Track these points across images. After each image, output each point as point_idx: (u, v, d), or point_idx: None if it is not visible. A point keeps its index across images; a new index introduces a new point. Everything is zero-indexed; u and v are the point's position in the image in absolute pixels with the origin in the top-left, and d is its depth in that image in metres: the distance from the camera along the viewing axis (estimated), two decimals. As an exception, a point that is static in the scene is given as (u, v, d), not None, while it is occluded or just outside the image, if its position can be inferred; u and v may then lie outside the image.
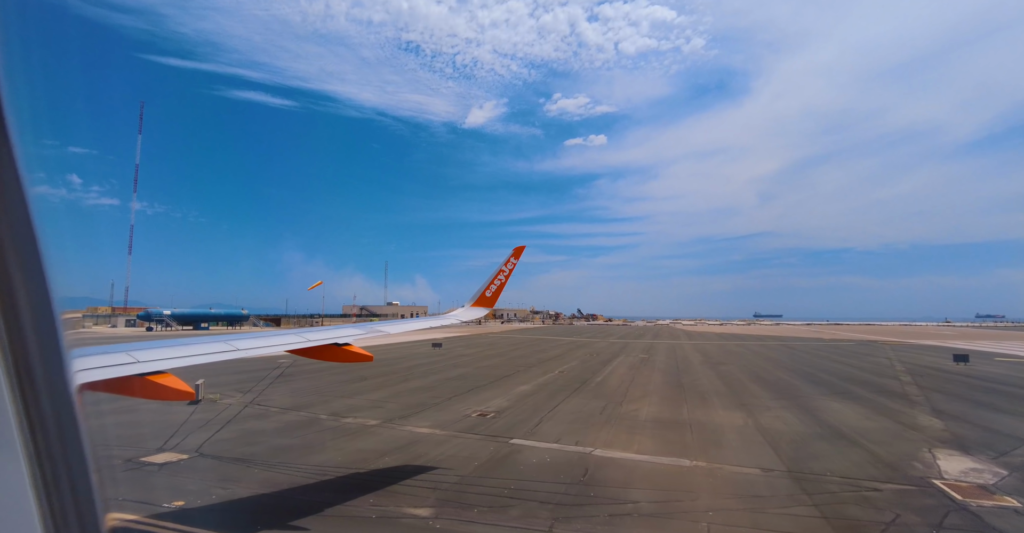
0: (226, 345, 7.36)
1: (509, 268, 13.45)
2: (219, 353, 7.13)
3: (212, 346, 7.23)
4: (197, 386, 21.86)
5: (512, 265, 13.50)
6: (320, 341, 8.53)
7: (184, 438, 15.97)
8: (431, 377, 31.55)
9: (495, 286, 13.26)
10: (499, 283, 13.29)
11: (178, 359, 6.35)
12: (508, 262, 13.49)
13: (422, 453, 14.80)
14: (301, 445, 15.54)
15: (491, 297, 13.22)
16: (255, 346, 7.72)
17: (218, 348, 7.24)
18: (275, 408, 21.14)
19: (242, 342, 7.61)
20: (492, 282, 13.28)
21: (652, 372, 35.46)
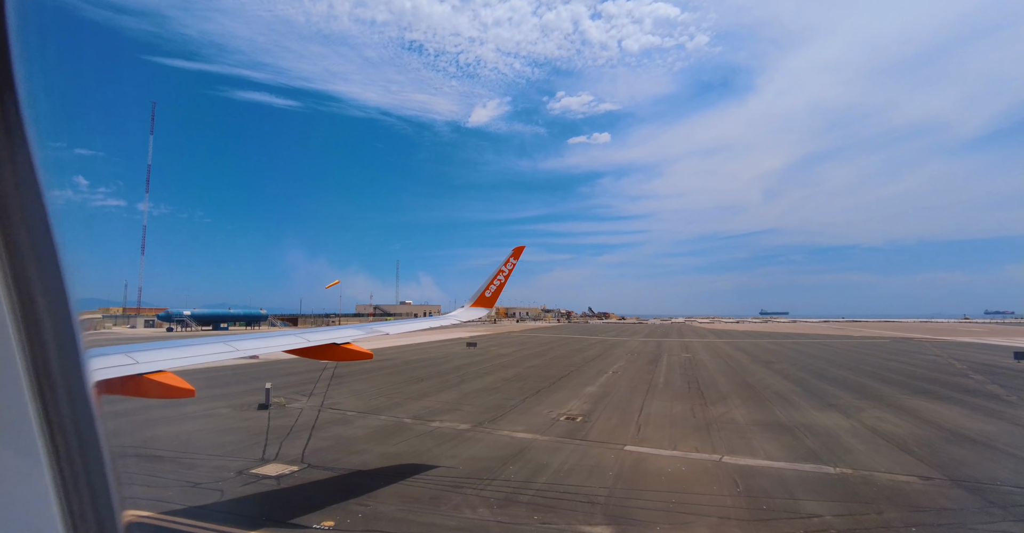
0: (226, 346, 7.31)
1: (509, 268, 13.31)
2: (219, 354, 7.07)
3: (212, 347, 7.17)
4: (267, 390, 20.89)
5: (512, 265, 13.37)
6: (320, 341, 8.57)
7: (279, 447, 14.99)
8: (487, 378, 30.53)
9: (495, 286, 13.14)
10: (499, 283, 13.15)
11: (177, 360, 6.31)
12: (508, 262, 13.34)
13: (544, 462, 13.78)
14: (409, 452, 14.54)
15: (491, 297, 13.10)
16: (255, 347, 7.69)
17: (218, 349, 7.17)
18: (351, 412, 20.16)
19: (242, 343, 7.57)
20: (491, 282, 13.15)
21: (709, 372, 34.39)
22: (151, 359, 5.92)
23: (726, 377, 31.55)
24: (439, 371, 33.60)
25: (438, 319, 13.14)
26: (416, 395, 24.28)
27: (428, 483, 12.00)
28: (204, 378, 29.20)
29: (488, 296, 13.12)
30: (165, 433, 16.31)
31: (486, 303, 13.15)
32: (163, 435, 16.06)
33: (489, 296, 13.13)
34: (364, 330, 9.84)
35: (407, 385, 27.41)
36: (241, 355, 7.47)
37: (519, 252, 13.69)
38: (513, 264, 13.47)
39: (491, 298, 13.16)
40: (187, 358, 6.56)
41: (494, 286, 13.17)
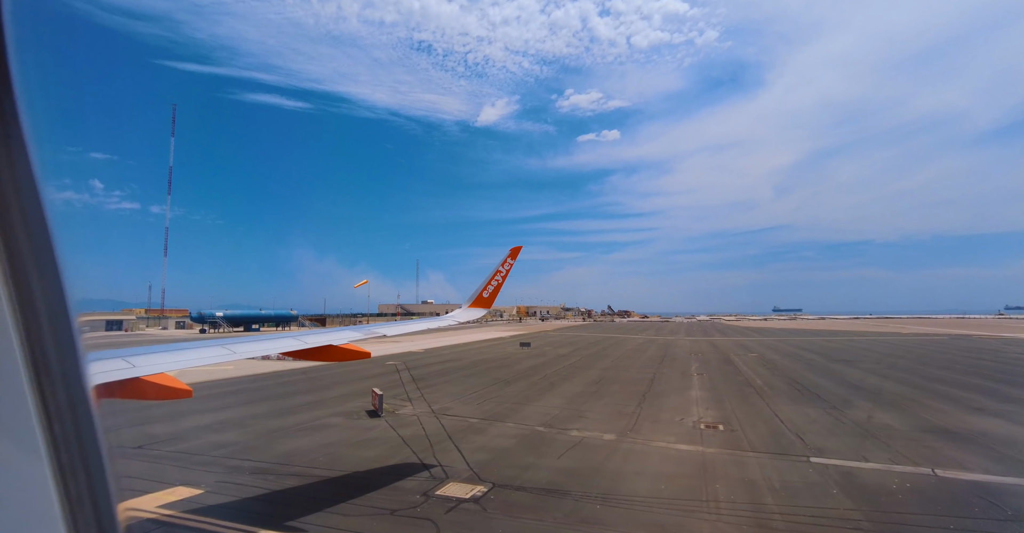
0: (224, 350, 7.24)
1: (506, 268, 13.24)
2: (215, 357, 6.99)
3: (209, 351, 7.09)
4: (380, 396, 19.56)
5: (509, 265, 13.29)
6: (317, 344, 8.58)
7: (436, 462, 13.63)
8: (573, 381, 29.08)
9: (492, 287, 13.07)
10: (496, 283, 13.11)
11: (174, 364, 6.25)
12: (505, 262, 13.24)
13: (749, 479, 12.34)
14: (585, 468, 13.11)
15: (488, 298, 13.03)
16: (252, 350, 7.70)
17: (215, 353, 7.10)
18: (471, 419, 18.79)
19: (240, 346, 7.52)
20: (489, 283, 13.07)
21: (797, 372, 32.75)
22: (148, 363, 5.89)
23: (822, 377, 29.89)
24: (516, 373, 32.18)
25: (436, 320, 13.05)
26: (518, 399, 22.87)
27: (674, 508, 10.56)
28: (274, 385, 28.02)
29: (486, 297, 13.01)
30: (297, 448, 15.00)
31: (484, 303, 13.05)
32: (297, 450, 14.75)
33: (487, 297, 13.02)
34: (362, 332, 9.77)
35: (497, 388, 26.01)
36: (238, 358, 7.29)
37: (516, 252, 13.53)
38: (511, 264, 13.33)
39: (489, 298, 13.04)
40: (184, 361, 6.46)
41: (492, 286, 13.07)
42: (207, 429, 17.00)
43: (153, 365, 5.88)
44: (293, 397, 23.37)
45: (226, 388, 26.11)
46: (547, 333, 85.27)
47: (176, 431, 16.69)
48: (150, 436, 15.98)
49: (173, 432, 16.57)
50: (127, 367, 5.64)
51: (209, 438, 15.78)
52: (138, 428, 17.11)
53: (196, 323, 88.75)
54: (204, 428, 17.14)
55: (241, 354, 7.38)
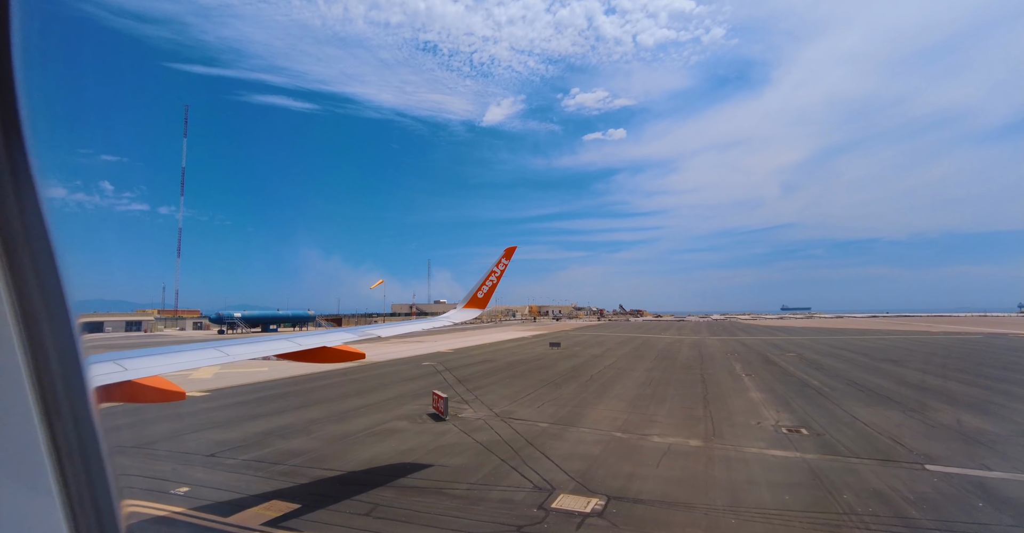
0: (217, 352, 7.18)
1: (501, 269, 13.19)
2: (209, 359, 6.90)
3: (202, 354, 7.00)
4: (445, 399, 18.78)
5: (504, 266, 13.24)
6: (312, 345, 8.55)
7: (531, 470, 12.82)
8: (623, 382, 28.21)
9: (487, 287, 13.02)
10: (491, 284, 13.07)
11: (167, 366, 6.19)
12: (499, 263, 13.18)
13: (866, 487, 11.49)
14: (690, 477, 12.27)
15: (483, 298, 12.98)
16: (247, 352, 7.63)
17: (208, 355, 7.02)
18: (541, 423, 17.99)
19: (234, 348, 7.46)
20: (483, 283, 13.00)
21: (846, 372, 31.70)
22: (140, 366, 5.89)
23: (879, 378, 28.86)
24: (559, 374, 31.34)
25: (431, 321, 13.06)
26: (576, 402, 22.03)
27: (818, 523, 9.71)
28: (318, 388, 27.34)
29: (480, 297, 12.95)
30: (376, 455, 14.26)
31: (479, 304, 12.97)
32: (377, 457, 14.01)
33: (482, 297, 12.96)
34: (356, 333, 9.78)
35: (549, 390, 25.18)
36: (231, 360, 7.16)
37: (511, 252, 13.45)
38: (505, 265, 13.27)
39: (483, 299, 12.98)
40: (176, 364, 6.40)
41: (486, 287, 13.01)
42: (272, 435, 16.28)
43: (145, 368, 5.88)
44: (343, 400, 22.65)
45: (268, 391, 25.43)
46: (568, 333, 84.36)
47: (241, 437, 15.98)
48: (218, 442, 15.28)
49: (238, 438, 15.86)
50: (119, 370, 5.65)
51: (279, 445, 15.05)
52: (201, 433, 16.43)
53: (214, 324, 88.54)
54: (268, 434, 16.43)
55: (234, 356, 7.30)
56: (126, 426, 17.64)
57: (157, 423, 18.02)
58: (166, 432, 16.65)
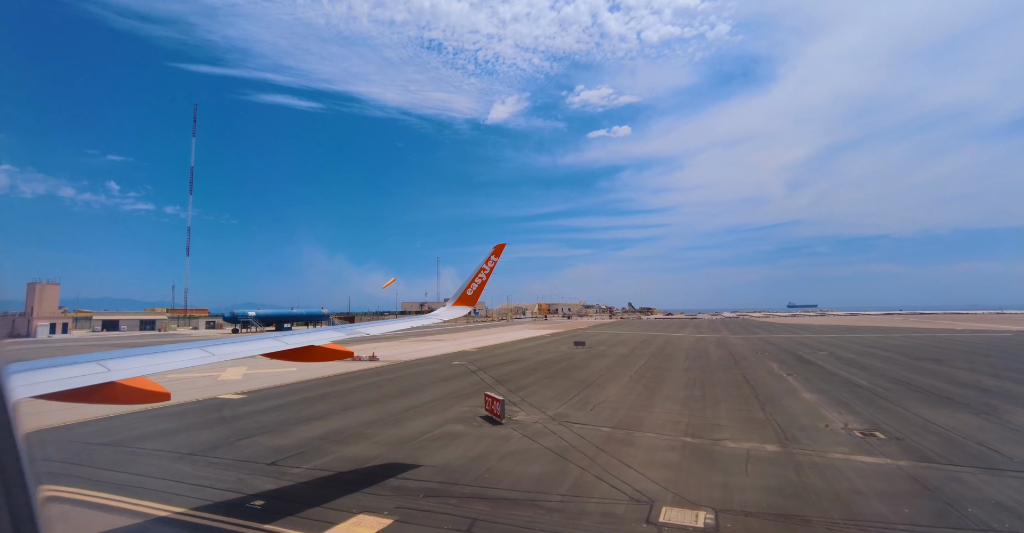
0: (202, 352, 7.06)
1: (490, 266, 13.18)
2: (194, 360, 6.80)
3: (187, 354, 6.91)
4: (502, 402, 18.05)
5: (493, 263, 13.23)
6: (299, 344, 8.49)
7: (620, 480, 12.06)
8: (667, 383, 27.43)
9: (476, 285, 13.02)
10: (480, 281, 13.07)
11: (151, 367, 6.07)
12: (488, 260, 13.19)
13: (987, 498, 10.69)
14: (795, 487, 11.48)
15: (472, 296, 13.02)
16: (233, 351, 7.50)
17: (193, 355, 6.92)
18: (604, 427, 17.25)
19: (219, 348, 7.35)
20: (472, 281, 13.00)
21: (898, 371, 30.81)
22: (124, 367, 5.82)
23: (929, 378, 27.99)
24: (596, 374, 30.56)
25: (421, 318, 12.83)
26: (629, 404, 21.26)
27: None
28: (357, 388, 26.65)
29: (470, 295, 12.99)
30: (447, 462, 13.53)
31: (468, 301, 13.04)
32: (449, 465, 13.27)
33: (471, 295, 13.00)
34: (344, 332, 9.74)
35: (593, 391, 24.41)
36: (217, 361, 7.01)
37: (500, 250, 13.42)
38: (494, 262, 13.26)
39: (473, 296, 13.03)
40: (161, 365, 6.31)
41: (475, 285, 13.01)
42: (328, 440, 15.59)
43: (129, 369, 5.80)
44: (387, 402, 21.94)
45: (305, 392, 24.76)
46: (585, 331, 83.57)
47: (296, 443, 15.30)
48: (274, 449, 14.60)
49: (294, 444, 15.18)
50: (102, 371, 5.57)
51: (340, 451, 14.35)
52: (253, 439, 15.75)
53: (228, 323, 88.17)
54: (324, 439, 15.74)
55: (220, 356, 7.17)
56: (171, 431, 17.00)
57: (203, 428, 17.37)
58: (216, 438, 15.97)
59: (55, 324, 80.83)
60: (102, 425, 17.84)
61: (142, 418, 18.86)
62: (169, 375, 31.24)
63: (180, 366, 6.60)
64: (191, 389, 25.86)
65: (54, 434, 16.69)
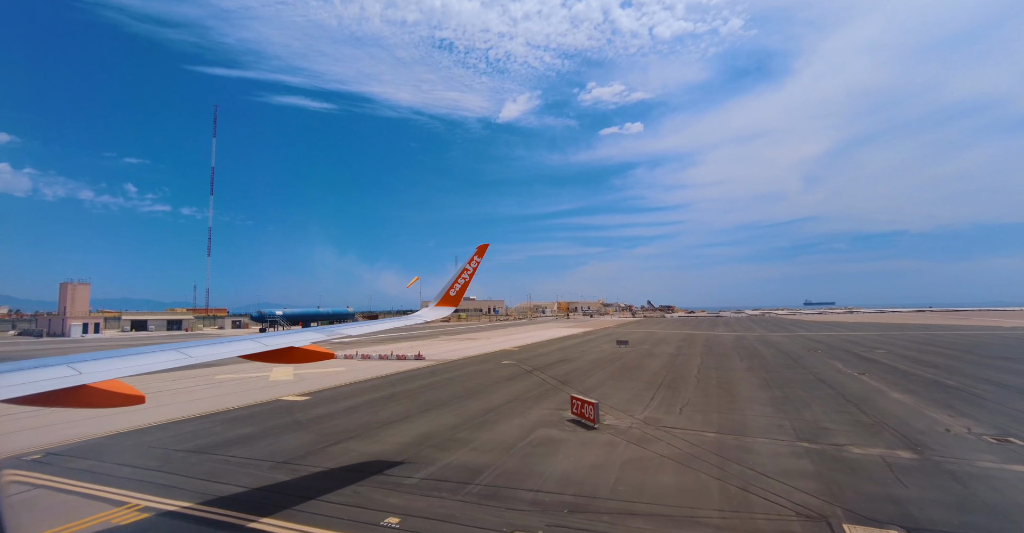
0: (178, 354, 6.93)
1: (473, 267, 13.12)
2: (169, 362, 6.61)
3: (162, 355, 6.75)
4: (597, 405, 16.95)
5: (476, 264, 13.19)
6: (278, 346, 8.37)
7: (764, 491, 10.91)
8: (738, 383, 26.17)
9: (459, 285, 12.95)
10: (463, 282, 12.98)
11: (124, 370, 5.95)
12: (472, 261, 13.18)
13: None
14: (974, 503, 10.24)
15: (455, 296, 12.96)
16: (209, 353, 7.34)
17: (169, 358, 6.74)
18: (707, 432, 16.10)
19: (195, 350, 7.22)
20: (456, 281, 12.95)
21: (981, 371, 29.21)
22: (96, 369, 5.71)
23: (1008, 375, 26.37)
24: (659, 374, 29.36)
25: (403, 319, 12.78)
26: (712, 406, 20.07)
27: None
28: (421, 389, 25.72)
29: (453, 295, 12.92)
30: (567, 472, 12.48)
31: (451, 302, 12.96)
32: (572, 475, 12.21)
33: (454, 295, 12.92)
34: (325, 333, 9.71)
35: (666, 392, 23.23)
36: (193, 362, 6.85)
37: (483, 250, 13.31)
38: (478, 263, 13.20)
39: (456, 297, 12.95)
40: (135, 367, 6.11)
41: (459, 285, 12.94)
42: (424, 445, 14.63)
43: (101, 372, 5.68)
44: (459, 403, 20.96)
45: (369, 393, 23.86)
46: (618, 330, 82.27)
47: (394, 450, 14.35)
48: (375, 457, 13.65)
49: (391, 451, 14.23)
50: (73, 374, 5.47)
51: (445, 459, 13.36)
52: (344, 444, 14.83)
53: (255, 322, 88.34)
54: (418, 444, 14.78)
55: (196, 358, 7.02)
56: (250, 437, 16.15)
57: (283, 433, 16.51)
58: (303, 444, 15.09)
59: (87, 324, 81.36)
60: (174, 430, 17.07)
61: (214, 422, 18.08)
62: (218, 376, 30.63)
63: (155, 369, 6.37)
64: (248, 391, 25.14)
65: (130, 439, 15.94)
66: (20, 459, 13.93)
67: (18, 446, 15.21)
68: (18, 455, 14.33)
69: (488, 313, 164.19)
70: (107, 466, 13.02)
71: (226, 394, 24.29)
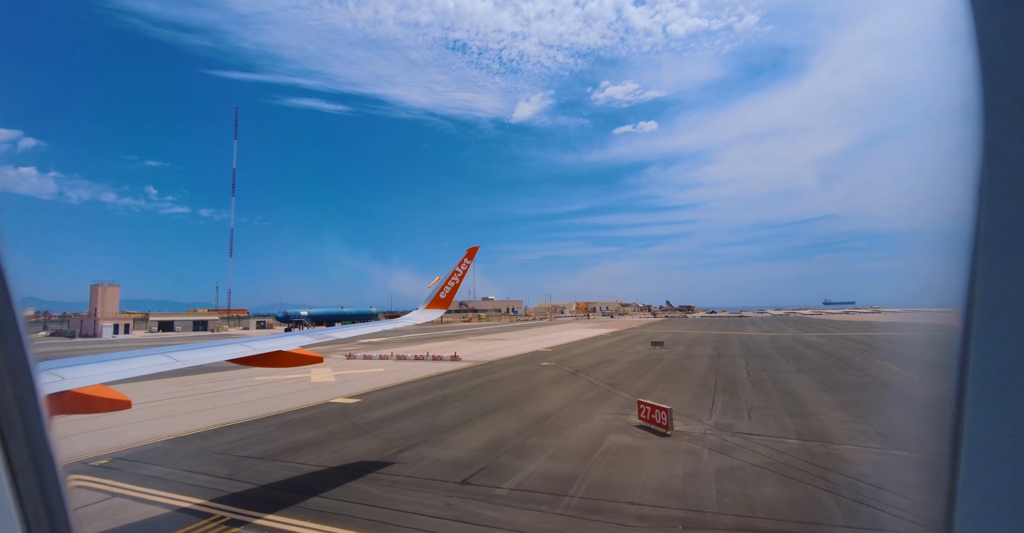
0: (165, 358, 6.84)
1: (463, 269, 13.13)
2: (156, 366, 6.59)
3: (149, 360, 6.67)
4: (669, 411, 16.20)
5: (466, 266, 13.20)
6: (266, 349, 8.25)
7: (872, 505, 10.11)
8: (796, 386, 25.21)
9: (449, 288, 12.96)
10: (453, 284, 13.00)
11: (109, 375, 5.82)
12: (462, 263, 13.18)
13: None
14: None
15: (445, 299, 12.97)
16: (196, 358, 7.21)
17: (156, 362, 6.69)
18: (788, 439, 15.28)
19: (183, 354, 7.08)
20: (446, 284, 12.96)
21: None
22: (79, 374, 5.57)
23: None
24: (708, 377, 28.47)
25: (392, 322, 12.89)
26: (779, 410, 19.19)
27: None
28: (472, 391, 25.15)
29: (443, 297, 12.95)
30: (662, 483, 11.78)
31: (441, 304, 12.99)
32: (671, 489, 11.52)
33: (444, 297, 12.95)
34: (314, 336, 9.69)
35: (725, 396, 22.39)
36: (180, 366, 6.73)
37: (473, 253, 13.36)
38: (467, 265, 13.22)
39: (446, 299, 12.99)
40: (120, 372, 5.98)
41: (448, 288, 12.96)
42: (497, 452, 14.03)
43: (85, 377, 5.58)
44: (517, 407, 20.34)
45: (419, 395, 23.35)
46: (642, 330, 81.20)
47: (468, 457, 13.77)
48: (449, 464, 13.09)
49: (466, 458, 13.64)
50: (56, 380, 5.36)
51: (527, 467, 12.74)
52: (414, 450, 14.30)
53: (280, 322, 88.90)
54: (489, 451, 14.19)
55: (184, 362, 6.90)
56: (314, 442, 15.70)
57: (347, 438, 16.04)
58: (371, 449, 14.59)
59: (118, 325, 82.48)
60: (233, 434, 16.71)
61: (270, 426, 17.71)
62: (256, 378, 30.40)
63: (142, 373, 6.25)
64: (292, 393, 24.83)
65: (192, 444, 15.59)
66: (87, 464, 13.62)
67: (80, 450, 14.94)
68: (84, 460, 14.04)
69: (507, 313, 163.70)
70: (179, 473, 12.62)
71: (271, 396, 23.98)
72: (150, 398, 23.45)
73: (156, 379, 28.77)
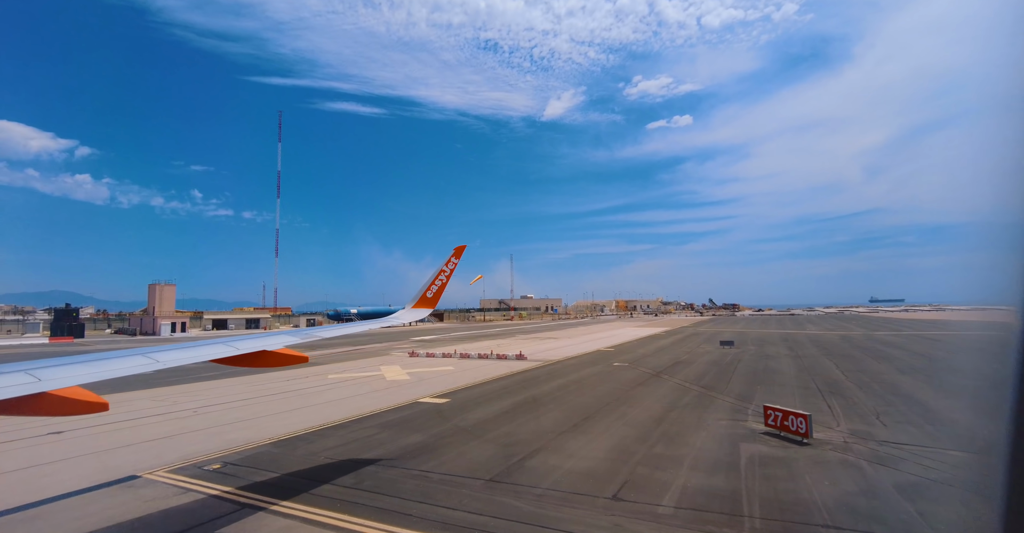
0: (145, 359, 6.69)
1: (450, 268, 12.99)
2: (136, 367, 6.39)
3: (128, 361, 6.48)
4: (808, 418, 14.75)
5: (453, 265, 13.05)
6: (250, 349, 8.02)
7: None
8: (919, 391, 23.19)
9: (436, 287, 12.86)
10: (440, 283, 12.90)
11: (86, 376, 5.64)
12: (449, 262, 13.03)
13: None
14: None
15: (432, 298, 12.87)
16: (177, 358, 7.00)
17: (135, 363, 6.50)
18: (951, 451, 13.59)
19: (163, 355, 6.90)
20: (432, 283, 12.87)
21: None
22: (56, 376, 5.46)
23: None
24: (803, 379, 26.65)
25: (380, 322, 12.68)
26: (916, 417, 17.43)
27: None
28: (557, 393, 24.08)
29: (430, 297, 12.84)
30: (842, 499, 10.44)
31: (428, 304, 12.86)
32: (849, 503, 10.16)
33: (431, 297, 12.85)
34: (299, 336, 9.53)
35: (837, 400, 20.67)
36: (161, 367, 6.57)
37: (460, 252, 13.21)
38: (455, 264, 13.08)
39: (433, 299, 12.87)
40: (98, 373, 5.81)
41: (435, 286, 12.86)
42: (627, 462, 12.93)
43: (61, 378, 5.43)
44: (615, 410, 19.20)
45: (507, 396, 22.44)
46: (696, 329, 78.78)
47: (602, 467, 12.71)
48: (586, 476, 12.04)
49: (601, 468, 12.58)
50: (31, 381, 5.22)
51: (672, 480, 11.58)
52: (539, 459, 13.32)
53: (330, 320, 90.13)
54: (620, 461, 13.11)
55: (165, 363, 6.68)
56: (436, 448, 14.89)
57: (456, 443, 15.21)
58: (492, 457, 13.70)
59: (175, 323, 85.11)
60: (335, 437, 16.11)
61: (370, 428, 17.07)
62: (330, 376, 30.15)
63: (121, 374, 6.03)
64: (374, 392, 24.30)
65: (297, 448, 15.01)
66: (201, 468, 13.15)
67: (186, 452, 14.56)
68: (196, 463, 13.60)
69: (546, 311, 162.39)
70: (301, 482, 11.95)
71: (355, 396, 23.51)
72: (228, 399, 23.32)
73: (219, 379, 28.87)
